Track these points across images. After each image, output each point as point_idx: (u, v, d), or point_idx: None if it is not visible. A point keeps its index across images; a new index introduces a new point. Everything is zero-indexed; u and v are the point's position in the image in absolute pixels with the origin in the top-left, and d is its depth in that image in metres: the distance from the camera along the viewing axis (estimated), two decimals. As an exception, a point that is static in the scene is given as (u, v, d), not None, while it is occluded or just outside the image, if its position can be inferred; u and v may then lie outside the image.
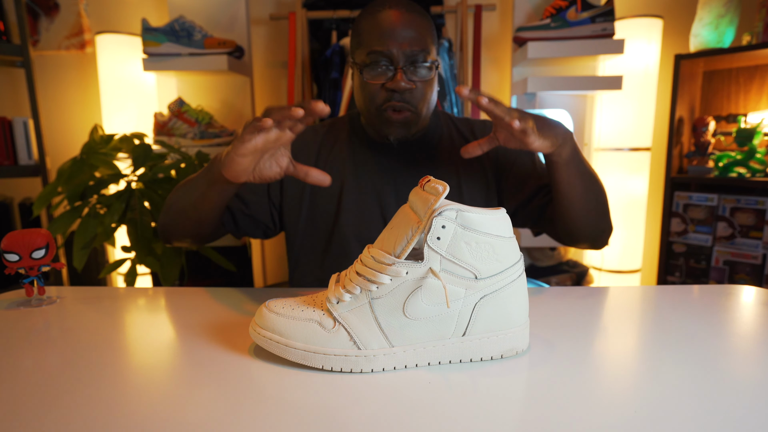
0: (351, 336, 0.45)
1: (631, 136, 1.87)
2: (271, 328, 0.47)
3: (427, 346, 0.46)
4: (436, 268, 0.44)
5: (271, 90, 2.12)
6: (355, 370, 0.45)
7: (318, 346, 0.45)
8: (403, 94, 0.76)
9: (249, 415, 0.38)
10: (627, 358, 0.47)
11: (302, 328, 0.46)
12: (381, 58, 0.75)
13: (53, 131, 2.16)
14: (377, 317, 0.45)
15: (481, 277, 0.45)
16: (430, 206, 0.43)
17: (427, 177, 0.47)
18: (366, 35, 0.76)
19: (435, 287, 0.44)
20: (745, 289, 0.69)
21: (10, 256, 0.62)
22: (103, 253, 2.09)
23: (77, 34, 2.09)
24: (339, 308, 0.46)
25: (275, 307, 0.48)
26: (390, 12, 0.76)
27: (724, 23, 1.68)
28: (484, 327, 0.46)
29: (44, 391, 0.41)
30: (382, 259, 0.45)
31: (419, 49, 0.75)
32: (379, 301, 0.45)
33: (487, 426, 0.36)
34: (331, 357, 0.45)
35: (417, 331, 0.45)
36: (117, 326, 0.57)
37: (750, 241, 1.74)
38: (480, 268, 0.45)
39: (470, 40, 1.91)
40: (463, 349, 0.46)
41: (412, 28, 0.75)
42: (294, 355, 0.45)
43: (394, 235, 0.46)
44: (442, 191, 0.43)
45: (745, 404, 0.38)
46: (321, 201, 0.86)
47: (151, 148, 1.34)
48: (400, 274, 0.44)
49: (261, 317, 0.48)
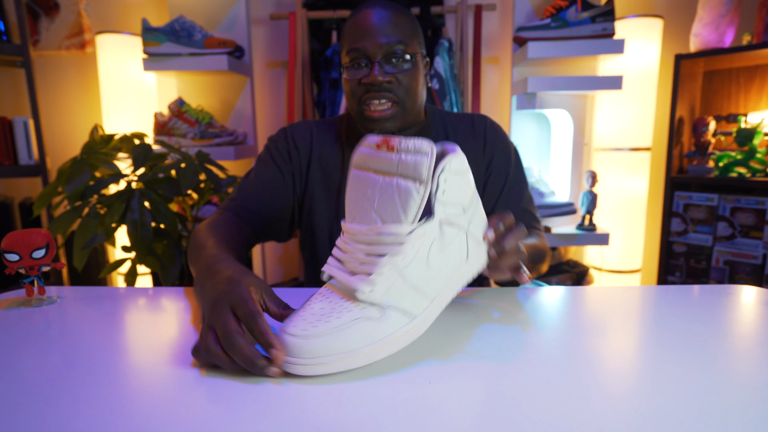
0: (402, 312, 0.45)
1: (631, 136, 1.87)
2: (315, 353, 0.42)
3: (447, 283, 0.49)
4: (442, 215, 0.47)
5: (271, 90, 2.12)
6: (416, 336, 0.47)
7: (377, 337, 0.44)
8: (381, 87, 0.77)
9: (251, 414, 0.38)
10: (627, 358, 0.47)
11: (353, 333, 0.43)
12: (359, 56, 0.77)
13: (53, 131, 2.15)
14: (411, 283, 0.46)
15: (467, 208, 0.50)
16: (429, 167, 0.44)
17: (390, 137, 0.47)
18: (346, 37, 0.80)
19: (445, 234, 0.48)
20: (746, 289, 0.69)
21: (10, 256, 0.62)
22: (103, 253, 2.09)
23: (77, 34, 2.09)
24: (375, 295, 0.44)
25: (302, 330, 0.43)
26: (367, 11, 0.78)
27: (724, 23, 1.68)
28: (475, 245, 0.52)
29: (44, 391, 0.41)
30: (397, 230, 0.45)
31: (395, 41, 0.76)
32: (408, 269, 0.45)
33: (486, 426, 0.36)
34: (393, 338, 0.45)
35: (441, 274, 0.48)
36: (117, 326, 0.57)
37: (750, 241, 1.74)
38: (464, 201, 0.49)
39: (470, 40, 1.90)
40: (470, 270, 0.52)
41: (388, 22, 0.77)
42: (360, 360, 0.43)
43: (388, 205, 0.46)
44: (431, 150, 0.44)
45: (745, 404, 0.38)
46: (321, 201, 0.87)
47: (152, 148, 1.34)
48: (420, 237, 0.45)
49: (296, 349, 0.42)
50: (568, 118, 1.86)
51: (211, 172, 1.38)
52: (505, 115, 2.06)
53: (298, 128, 0.89)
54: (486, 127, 0.89)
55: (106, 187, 1.29)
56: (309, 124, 0.90)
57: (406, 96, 0.79)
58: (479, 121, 0.90)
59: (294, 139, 0.88)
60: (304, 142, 0.88)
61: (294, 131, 0.89)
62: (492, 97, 2.08)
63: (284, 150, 0.87)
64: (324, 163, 0.87)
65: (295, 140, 0.87)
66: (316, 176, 0.87)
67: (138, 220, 1.24)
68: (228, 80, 2.01)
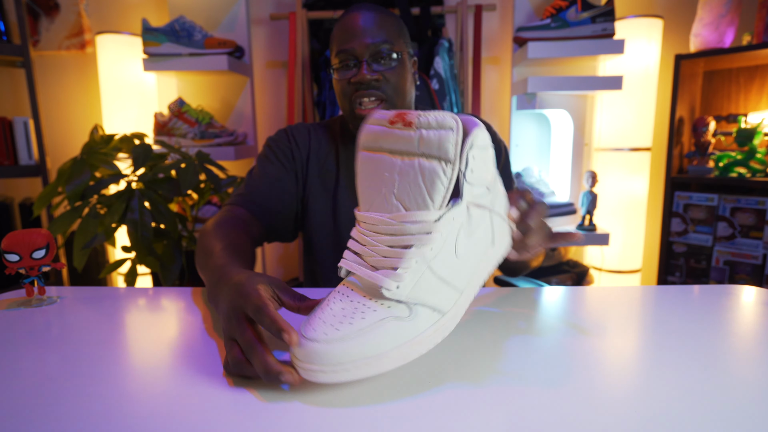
0: (431, 309, 0.42)
1: (631, 136, 1.87)
2: (338, 359, 0.38)
3: (475, 271, 0.45)
4: (470, 198, 0.43)
5: (271, 90, 2.11)
6: (446, 333, 0.43)
7: (406, 338, 0.40)
8: (369, 85, 0.80)
9: (251, 413, 0.38)
10: (627, 358, 0.47)
11: (380, 335, 0.39)
12: (348, 57, 0.80)
13: (53, 131, 2.15)
14: (440, 275, 0.42)
15: (491, 187, 0.45)
16: (456, 144, 0.40)
17: (405, 112, 0.43)
18: (335, 40, 0.82)
19: (473, 218, 0.43)
20: (746, 289, 0.69)
21: (10, 256, 0.62)
22: (103, 253, 2.09)
23: (77, 34, 2.09)
24: (403, 291, 0.40)
25: (323, 334, 0.39)
26: (353, 14, 0.81)
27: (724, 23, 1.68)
28: (500, 225, 0.48)
29: (44, 391, 0.41)
30: (425, 217, 0.40)
31: (381, 40, 0.79)
32: (435, 260, 0.41)
33: (486, 426, 0.36)
34: (423, 337, 0.41)
35: (469, 263, 0.44)
36: (117, 326, 0.57)
37: (750, 241, 1.74)
38: (488, 178, 0.45)
39: (470, 40, 1.90)
40: (495, 255, 0.48)
41: (373, 24, 0.79)
42: (388, 365, 0.39)
43: (410, 189, 0.41)
44: (456, 124, 0.40)
45: (745, 404, 0.38)
46: (318, 201, 0.89)
47: (152, 148, 1.34)
48: (449, 223, 0.41)
49: (317, 355, 0.38)
50: (568, 118, 1.86)
51: (211, 172, 1.38)
52: (505, 115, 2.06)
53: (297, 129, 0.92)
54: None
55: (106, 187, 1.29)
56: (306, 126, 0.93)
57: (394, 93, 0.82)
58: None
59: (295, 138, 0.90)
60: (303, 142, 0.90)
61: (294, 131, 0.91)
62: (492, 97, 2.08)
63: (287, 149, 0.89)
64: (320, 164, 0.90)
65: (296, 140, 0.90)
66: (314, 177, 0.89)
67: (138, 220, 1.24)
68: (228, 80, 2.01)
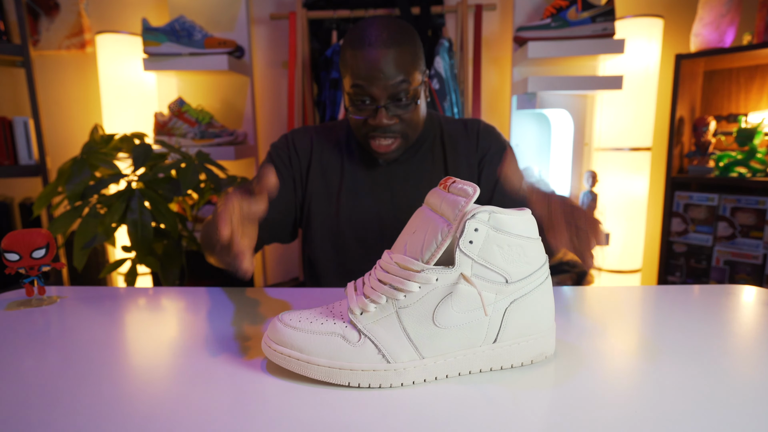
0: (379, 349, 0.42)
1: (631, 136, 1.87)
2: (289, 344, 0.42)
3: (457, 355, 0.43)
4: (468, 273, 0.41)
5: (271, 90, 2.11)
6: (384, 385, 0.42)
7: (344, 361, 0.41)
8: (387, 129, 0.79)
9: (251, 412, 0.38)
10: (627, 358, 0.47)
11: (325, 343, 0.42)
12: (364, 95, 0.77)
13: (53, 131, 2.15)
14: (405, 327, 0.42)
15: (512, 281, 0.43)
16: (461, 209, 0.41)
17: (449, 177, 0.45)
18: (350, 68, 0.77)
19: (466, 293, 0.42)
20: (746, 289, 0.69)
21: (10, 256, 0.62)
22: (103, 253, 2.09)
23: (77, 33, 2.09)
24: (364, 319, 0.42)
25: (291, 320, 0.44)
26: (371, 49, 0.75)
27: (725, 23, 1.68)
28: (515, 332, 0.44)
29: (45, 390, 0.41)
30: (410, 266, 0.42)
31: (400, 81, 0.76)
32: (407, 310, 0.42)
33: (486, 425, 0.36)
34: (359, 372, 0.41)
35: (447, 340, 0.42)
36: (117, 326, 0.57)
37: (750, 241, 1.74)
38: (511, 271, 0.43)
39: (470, 40, 1.90)
40: (493, 357, 0.44)
41: (392, 63, 0.75)
42: (318, 373, 0.42)
43: (418, 239, 0.43)
44: (472, 193, 0.41)
45: (745, 404, 0.38)
46: (321, 203, 0.89)
47: (152, 148, 1.34)
48: (430, 281, 0.41)
49: (275, 332, 0.43)
50: (568, 117, 1.86)
51: (211, 172, 1.38)
52: (505, 115, 2.06)
53: (299, 134, 0.93)
54: (479, 128, 0.92)
55: (106, 187, 1.29)
56: (309, 130, 0.94)
57: (409, 129, 0.82)
58: (472, 123, 0.93)
59: (294, 144, 0.91)
60: (305, 146, 0.91)
61: (294, 136, 0.92)
62: (492, 97, 2.08)
63: (285, 156, 0.90)
64: (324, 167, 0.90)
65: (295, 145, 0.91)
66: (316, 179, 0.90)
67: (138, 220, 1.24)
68: (228, 80, 2.01)
